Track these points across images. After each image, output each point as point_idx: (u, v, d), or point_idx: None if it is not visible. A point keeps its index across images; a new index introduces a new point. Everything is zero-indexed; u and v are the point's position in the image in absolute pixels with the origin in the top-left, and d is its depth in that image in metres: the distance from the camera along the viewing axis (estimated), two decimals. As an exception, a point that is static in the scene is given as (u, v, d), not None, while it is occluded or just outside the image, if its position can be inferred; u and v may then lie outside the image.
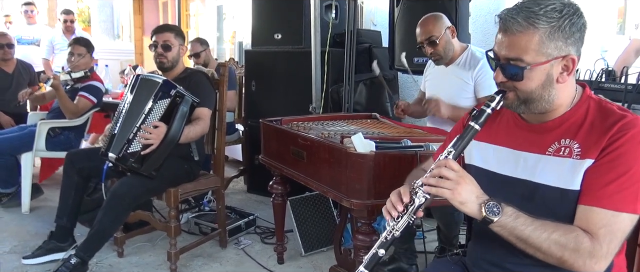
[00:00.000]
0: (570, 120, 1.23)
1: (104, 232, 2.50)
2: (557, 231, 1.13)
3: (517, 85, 1.20)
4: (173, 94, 2.48)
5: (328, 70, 3.59)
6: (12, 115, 4.12)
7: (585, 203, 1.16)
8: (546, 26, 1.15)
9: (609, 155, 1.14)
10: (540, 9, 1.15)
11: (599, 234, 1.12)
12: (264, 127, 2.59)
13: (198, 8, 8.44)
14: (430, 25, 2.47)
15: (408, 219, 1.24)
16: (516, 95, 1.22)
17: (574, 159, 1.19)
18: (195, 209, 3.54)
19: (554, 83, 1.20)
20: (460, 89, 2.50)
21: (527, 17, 1.15)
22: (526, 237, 1.14)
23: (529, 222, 1.14)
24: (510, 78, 1.20)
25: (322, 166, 2.08)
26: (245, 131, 4.22)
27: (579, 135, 1.21)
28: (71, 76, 3.66)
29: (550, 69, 1.18)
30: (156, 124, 2.44)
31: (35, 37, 5.58)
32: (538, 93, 1.20)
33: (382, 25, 4.31)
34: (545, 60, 1.17)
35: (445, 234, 2.65)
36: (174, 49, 2.75)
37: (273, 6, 3.91)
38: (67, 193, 2.75)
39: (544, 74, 1.18)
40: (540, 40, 1.15)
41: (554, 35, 1.15)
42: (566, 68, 1.19)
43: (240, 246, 3.06)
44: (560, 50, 1.16)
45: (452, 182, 1.17)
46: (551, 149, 1.23)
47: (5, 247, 2.97)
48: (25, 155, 3.55)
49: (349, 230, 2.78)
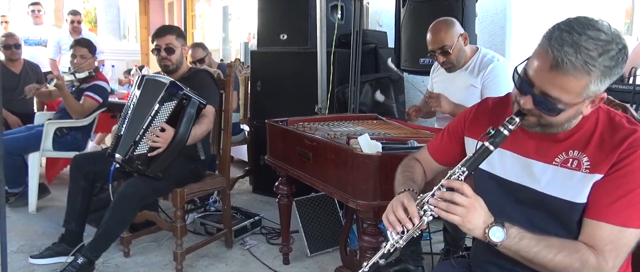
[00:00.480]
0: (579, 131, 1.21)
1: (111, 232, 2.51)
2: (562, 251, 1.13)
3: (547, 117, 1.16)
4: (180, 96, 2.47)
5: (334, 70, 3.59)
6: (19, 115, 4.15)
7: (592, 217, 1.16)
8: (598, 73, 1.07)
9: (618, 171, 1.14)
10: (598, 53, 1.05)
11: (605, 250, 1.13)
12: (270, 127, 2.59)
13: (204, 9, 8.47)
14: (443, 34, 2.43)
15: (412, 234, 1.23)
16: (538, 121, 1.18)
17: (583, 172, 1.18)
18: (201, 209, 3.54)
19: (579, 115, 1.17)
20: (469, 94, 2.47)
21: (585, 62, 1.05)
22: (531, 258, 1.15)
23: (533, 243, 1.14)
24: (540, 110, 1.14)
25: (328, 166, 2.08)
26: (251, 132, 4.22)
27: (588, 148, 1.19)
28: (76, 77, 3.68)
29: (582, 105, 1.14)
30: (163, 127, 2.42)
31: (42, 38, 5.61)
32: (560, 122, 1.18)
33: (387, 26, 4.31)
34: (582, 100, 1.12)
35: (452, 236, 2.64)
36: (177, 51, 2.75)
37: (279, 7, 3.91)
38: (74, 198, 2.77)
39: (576, 111, 1.15)
40: (587, 85, 1.08)
41: (602, 79, 1.08)
42: (593, 103, 1.15)
43: (246, 247, 3.07)
44: (598, 91, 1.12)
45: (464, 209, 1.15)
46: (558, 159, 1.22)
47: (12, 246, 2.98)
48: (32, 155, 3.58)
49: (354, 231, 2.78)
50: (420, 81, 4.22)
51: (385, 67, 3.86)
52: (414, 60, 3.22)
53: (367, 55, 3.77)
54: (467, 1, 2.97)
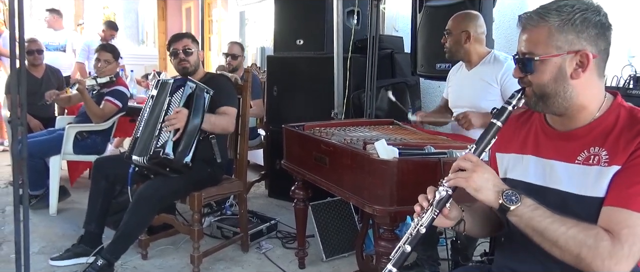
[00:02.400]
0: (599, 128, 1.21)
1: (130, 234, 2.55)
2: (576, 226, 1.11)
3: (531, 79, 1.23)
4: (187, 85, 2.56)
5: (350, 76, 3.60)
6: (41, 119, 4.23)
7: (609, 204, 1.14)
8: (557, 19, 1.17)
9: (636, 159, 1.13)
10: (554, 4, 1.20)
11: (622, 234, 1.09)
12: (287, 132, 2.61)
13: (221, 14, 8.55)
14: (454, 20, 2.57)
15: (432, 215, 1.24)
16: (533, 91, 1.24)
17: (601, 166, 1.17)
18: (217, 213, 3.57)
19: (567, 78, 1.20)
20: (483, 90, 2.50)
21: (539, 13, 1.20)
22: (543, 230, 1.13)
23: (547, 214, 1.14)
24: (524, 72, 1.24)
25: (345, 171, 2.09)
26: (267, 136, 4.25)
27: (607, 142, 1.18)
28: (97, 81, 3.74)
29: (562, 62, 1.19)
30: (177, 110, 2.50)
31: (61, 43, 5.72)
32: (552, 87, 1.20)
33: (403, 31, 4.31)
34: (556, 53, 1.18)
35: (463, 244, 2.61)
36: (194, 54, 2.85)
37: (295, 12, 3.94)
38: (95, 199, 2.82)
39: (556, 67, 1.19)
40: (550, 33, 1.18)
41: (564, 28, 1.17)
42: (581, 64, 1.18)
43: (262, 251, 3.08)
44: (572, 45, 1.18)
45: (468, 171, 1.20)
46: (580, 158, 1.21)
47: (34, 248, 3.03)
48: (53, 158, 3.64)
49: (370, 236, 2.78)
50: (436, 86, 4.22)
51: (401, 73, 3.87)
52: (430, 66, 3.22)
53: (383, 60, 3.77)
54: (484, 6, 2.97)
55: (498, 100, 2.49)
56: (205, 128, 2.58)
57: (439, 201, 1.23)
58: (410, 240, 1.26)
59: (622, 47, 3.12)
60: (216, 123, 2.64)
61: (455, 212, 1.30)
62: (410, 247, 1.26)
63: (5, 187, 4.33)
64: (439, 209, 1.24)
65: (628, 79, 2.62)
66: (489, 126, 1.26)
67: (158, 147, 2.46)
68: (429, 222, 1.25)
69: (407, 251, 1.26)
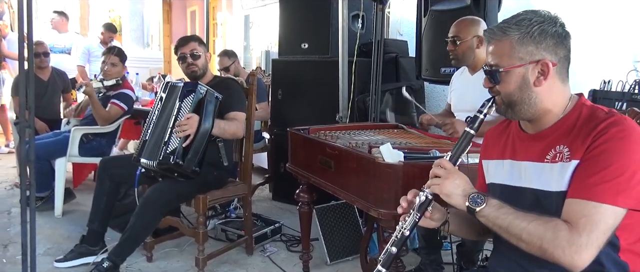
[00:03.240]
0: (562, 127, 1.29)
1: (136, 237, 2.56)
2: (535, 220, 1.18)
3: (499, 88, 1.33)
4: (197, 90, 2.57)
5: (354, 79, 3.61)
6: (46, 121, 4.25)
7: (569, 196, 1.20)
8: (516, 33, 1.28)
9: (592, 151, 1.19)
10: (514, 19, 1.30)
11: (579, 223, 1.14)
12: (292, 136, 2.61)
13: (225, 17, 8.59)
14: (461, 26, 2.57)
15: (414, 218, 1.34)
16: (502, 99, 1.34)
17: (564, 162, 1.24)
18: (222, 215, 3.58)
19: (531, 86, 1.29)
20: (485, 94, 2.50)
21: (501, 28, 1.31)
22: (507, 226, 1.21)
23: (510, 211, 1.22)
24: (492, 82, 1.34)
25: (350, 175, 2.09)
26: (271, 139, 4.26)
27: (569, 139, 1.26)
28: (103, 84, 3.77)
29: (525, 72, 1.28)
30: (188, 116, 2.50)
31: (67, 46, 5.75)
32: (517, 95, 1.30)
33: (408, 35, 4.32)
34: (518, 64, 1.28)
35: (469, 247, 2.61)
36: (202, 57, 2.86)
37: (300, 16, 3.95)
38: (99, 198, 2.83)
39: (520, 77, 1.29)
40: (511, 46, 1.28)
41: (524, 40, 1.27)
42: (542, 72, 1.27)
43: (266, 254, 3.09)
44: (533, 55, 1.27)
45: (441, 178, 1.31)
46: (549, 157, 1.28)
47: (39, 249, 3.05)
48: (59, 160, 3.66)
49: (374, 239, 2.78)
50: (440, 90, 4.23)
51: (406, 77, 3.87)
52: (435, 70, 3.23)
53: (387, 64, 3.78)
54: (489, 11, 2.98)
55: None
56: (215, 134, 2.60)
57: (420, 205, 1.34)
58: (396, 242, 1.37)
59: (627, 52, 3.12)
60: (226, 129, 2.65)
61: (438, 214, 1.40)
62: (395, 249, 1.36)
63: (11, 188, 4.35)
64: (421, 212, 1.34)
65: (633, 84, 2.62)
66: (463, 134, 1.36)
67: (168, 152, 2.47)
68: (412, 225, 1.35)
69: (394, 253, 1.37)
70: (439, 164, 1.33)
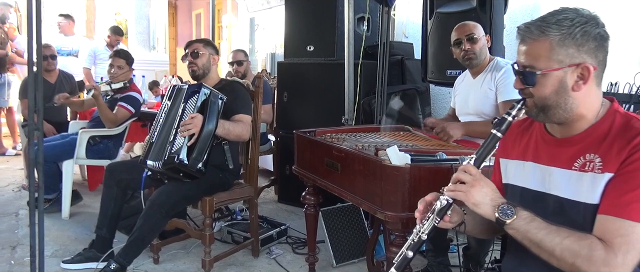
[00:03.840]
0: (594, 134, 1.24)
1: (143, 239, 2.57)
2: (570, 237, 1.14)
3: (533, 91, 1.25)
4: (202, 92, 2.59)
5: (360, 82, 3.62)
6: (54, 123, 4.28)
7: (602, 212, 1.15)
8: (557, 34, 1.19)
9: (628, 166, 1.14)
10: (553, 18, 1.21)
11: (614, 243, 1.11)
12: (298, 138, 2.62)
13: (230, 20, 8.61)
14: (471, 25, 2.58)
15: (433, 222, 1.29)
16: (534, 103, 1.26)
17: (595, 172, 1.19)
18: (228, 218, 3.59)
19: (569, 91, 1.22)
20: (486, 97, 2.55)
21: (539, 26, 1.21)
22: (539, 241, 1.16)
23: (542, 226, 1.16)
24: (526, 84, 1.25)
25: (357, 177, 2.09)
26: (277, 142, 4.27)
27: (601, 148, 1.20)
28: (111, 87, 3.79)
29: (563, 76, 1.21)
30: (192, 115, 2.53)
31: (74, 49, 5.79)
32: (553, 100, 1.23)
33: (413, 37, 4.32)
34: (557, 67, 1.20)
35: (475, 250, 2.61)
36: (202, 57, 2.86)
37: (306, 18, 3.96)
38: (106, 204, 2.85)
39: (557, 80, 1.21)
40: (551, 47, 1.20)
41: (565, 42, 1.19)
42: (582, 76, 1.21)
43: (272, 256, 3.09)
44: (573, 58, 1.20)
45: (468, 185, 1.23)
46: (577, 164, 1.23)
47: (46, 251, 3.05)
48: (66, 162, 3.69)
49: (381, 242, 2.78)
50: (446, 93, 4.22)
51: (412, 79, 3.87)
52: (440, 72, 3.23)
53: (393, 66, 3.78)
54: (495, 13, 2.98)
55: None
56: (219, 134, 2.60)
57: (440, 210, 1.28)
58: (412, 246, 1.33)
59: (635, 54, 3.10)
60: (230, 130, 2.66)
61: (456, 217, 1.34)
62: (412, 253, 1.32)
63: (19, 190, 4.38)
64: (440, 217, 1.29)
65: (641, 86, 2.61)
66: (489, 136, 1.29)
67: (173, 152, 2.49)
68: (431, 229, 1.30)
69: (410, 257, 1.32)
70: (464, 170, 1.26)
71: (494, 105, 2.52)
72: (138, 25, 8.71)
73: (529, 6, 3.67)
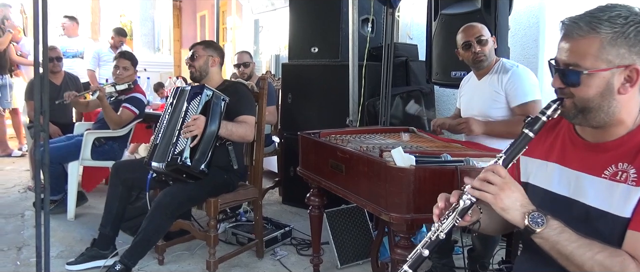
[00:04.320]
0: (630, 142, 1.17)
1: (148, 240, 2.58)
2: (602, 252, 1.08)
3: (574, 91, 1.16)
4: (204, 93, 2.61)
5: (365, 83, 3.62)
6: (59, 125, 4.30)
7: (634, 228, 1.10)
8: (609, 32, 1.11)
9: None
10: (605, 14, 1.12)
11: None
12: (303, 140, 2.62)
13: (235, 22, 8.64)
14: (480, 27, 2.56)
15: (453, 222, 1.22)
16: (573, 103, 1.18)
17: (629, 185, 1.12)
18: (232, 219, 3.59)
19: (614, 94, 1.14)
20: (492, 99, 2.53)
21: (590, 22, 1.12)
22: (569, 254, 1.10)
23: (573, 238, 1.11)
24: (567, 84, 1.17)
25: (361, 179, 2.09)
26: (281, 143, 4.27)
27: (636, 160, 1.14)
28: (116, 88, 3.81)
29: (611, 77, 1.13)
30: (195, 117, 2.54)
31: (79, 50, 5.82)
32: (596, 102, 1.15)
33: (418, 39, 4.32)
34: (605, 67, 1.12)
35: (480, 253, 2.60)
36: (199, 59, 2.87)
37: (310, 20, 3.97)
38: (111, 203, 2.86)
39: (604, 82, 1.13)
40: (601, 46, 1.11)
41: (617, 41, 1.11)
42: (629, 79, 1.13)
43: (277, 257, 3.09)
44: (623, 59, 1.12)
45: (497, 187, 1.15)
46: (607, 172, 1.17)
47: (52, 252, 3.06)
48: (71, 164, 3.70)
49: (385, 243, 2.78)
50: (450, 94, 4.21)
51: (416, 81, 3.87)
52: (445, 74, 3.22)
53: (398, 68, 3.78)
54: (500, 14, 2.97)
55: (505, 107, 2.50)
56: (222, 135, 2.61)
57: (462, 209, 1.21)
58: (429, 244, 1.25)
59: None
60: (233, 131, 2.66)
61: (474, 216, 1.28)
62: (428, 251, 1.24)
63: (24, 191, 4.40)
64: (461, 216, 1.22)
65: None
66: (520, 135, 1.21)
67: (176, 154, 2.50)
68: (450, 228, 1.23)
69: (425, 255, 1.25)
70: (493, 170, 1.17)
71: (500, 107, 2.51)
72: (143, 27, 8.75)
73: (533, 7, 3.67)
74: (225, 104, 2.66)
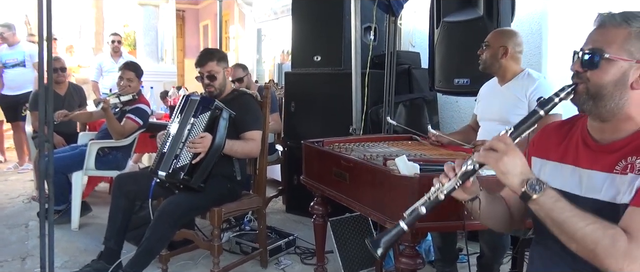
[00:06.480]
0: (637, 140, 1.21)
1: (152, 249, 2.57)
2: (595, 224, 1.11)
3: (590, 76, 1.22)
4: (212, 108, 2.61)
5: (368, 91, 3.62)
6: (63, 135, 4.31)
7: (633, 204, 1.14)
8: (639, 26, 1.19)
9: None
10: None
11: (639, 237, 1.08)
12: (306, 148, 2.62)
13: (238, 31, 8.68)
14: (496, 34, 2.62)
15: (454, 184, 1.26)
16: (587, 88, 1.23)
17: (635, 174, 1.16)
18: (236, 228, 3.59)
19: (627, 86, 1.20)
20: (512, 104, 2.51)
21: (625, 15, 1.21)
22: (561, 222, 1.13)
23: (568, 208, 1.14)
24: (586, 66, 1.22)
25: (365, 188, 2.09)
26: (285, 152, 4.27)
27: None
28: (120, 99, 3.82)
29: (628, 69, 1.19)
30: (202, 135, 2.54)
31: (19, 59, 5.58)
32: (609, 90, 1.20)
33: (420, 46, 4.33)
34: (626, 58, 1.19)
35: (489, 259, 2.58)
36: (219, 76, 2.85)
37: (312, 29, 3.98)
38: (115, 216, 2.85)
39: (621, 71, 1.20)
40: (628, 37, 1.19)
41: None
42: None
43: (281, 266, 3.08)
44: None
45: (500, 153, 1.20)
46: (618, 167, 1.20)
47: (56, 262, 3.06)
48: (75, 174, 3.70)
49: (389, 252, 2.76)
50: (453, 102, 4.21)
51: (419, 89, 3.87)
52: (447, 81, 3.22)
53: (400, 76, 3.78)
54: (502, 22, 2.98)
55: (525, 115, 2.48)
56: (226, 153, 2.63)
57: (464, 173, 1.25)
58: (428, 203, 1.28)
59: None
60: (238, 150, 2.69)
61: (474, 187, 1.32)
62: (425, 210, 1.28)
63: (28, 202, 4.41)
64: (463, 180, 1.26)
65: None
66: (531, 113, 1.26)
67: (178, 168, 2.52)
68: (450, 190, 1.27)
69: (423, 213, 1.28)
70: (500, 139, 1.22)
71: (520, 114, 2.49)
72: (146, 37, 8.79)
73: (536, 14, 3.67)
74: (231, 119, 2.67)
